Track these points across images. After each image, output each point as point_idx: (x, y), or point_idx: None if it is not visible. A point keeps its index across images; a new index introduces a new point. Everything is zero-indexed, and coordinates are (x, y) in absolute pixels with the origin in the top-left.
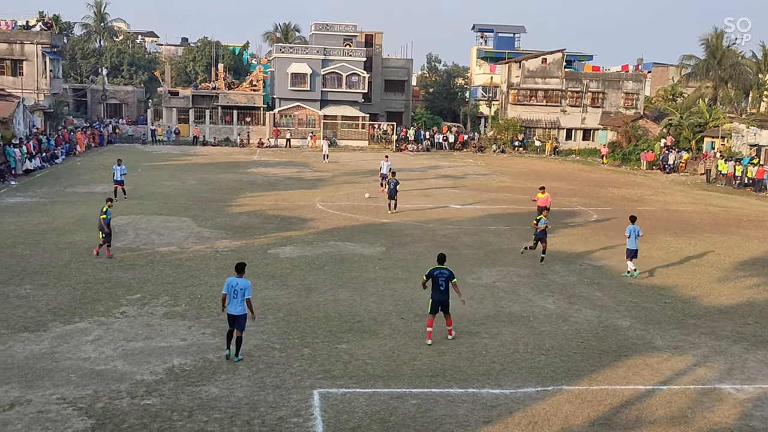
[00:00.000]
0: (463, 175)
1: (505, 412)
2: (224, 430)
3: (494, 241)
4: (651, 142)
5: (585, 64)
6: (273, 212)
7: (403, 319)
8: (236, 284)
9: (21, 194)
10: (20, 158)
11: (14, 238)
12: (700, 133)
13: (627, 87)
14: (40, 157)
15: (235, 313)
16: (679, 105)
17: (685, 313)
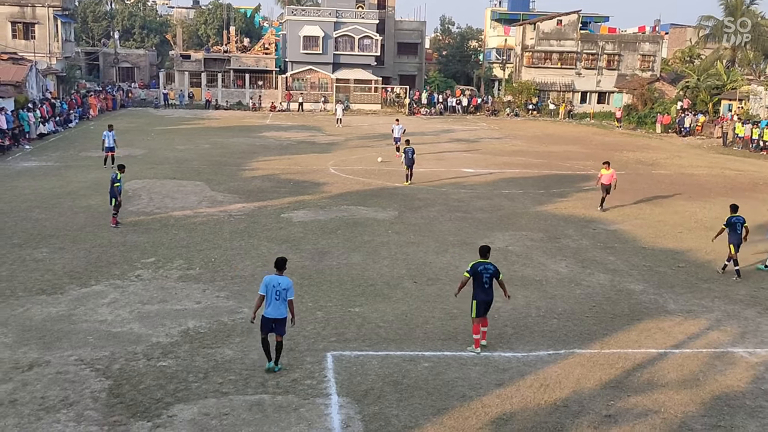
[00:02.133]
0: (476, 138)
1: (517, 374)
2: (239, 391)
3: (507, 205)
4: (667, 104)
5: (601, 25)
6: (286, 176)
7: (416, 283)
8: (278, 284)
9: (35, 158)
10: (34, 122)
11: (30, 202)
12: (717, 95)
13: (643, 49)
14: (54, 121)
15: (276, 316)
16: (696, 67)
17: (698, 277)
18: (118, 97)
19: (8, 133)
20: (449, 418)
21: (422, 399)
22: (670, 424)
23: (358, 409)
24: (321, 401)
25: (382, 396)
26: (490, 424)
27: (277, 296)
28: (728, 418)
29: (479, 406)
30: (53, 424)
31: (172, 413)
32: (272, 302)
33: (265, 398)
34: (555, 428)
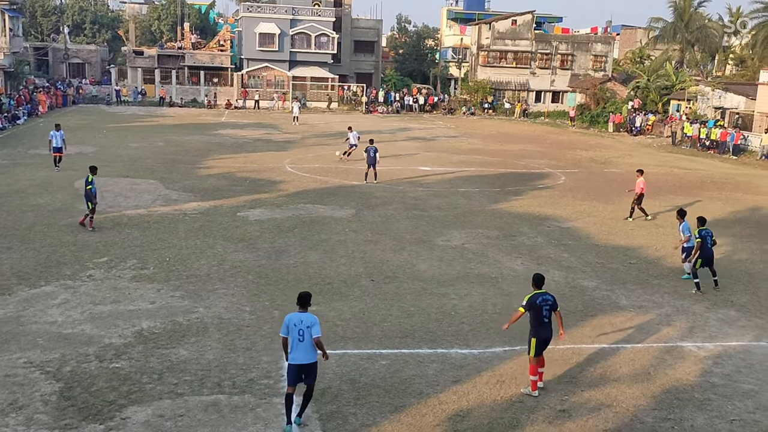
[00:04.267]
0: (432, 137)
1: (473, 371)
2: (194, 392)
3: (464, 203)
4: (619, 104)
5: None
6: (242, 174)
7: (373, 281)
8: (300, 321)
9: None
10: None
11: None
12: (666, 95)
13: (596, 49)
14: (1, 118)
15: (306, 361)
16: (646, 68)
17: (649, 273)
18: (68, 94)
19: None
20: (406, 416)
21: (379, 397)
22: (622, 418)
23: (315, 408)
24: (278, 401)
25: (340, 394)
26: (447, 420)
27: (300, 337)
28: (678, 411)
29: (436, 403)
30: (2, 429)
31: (125, 415)
32: (296, 345)
33: (222, 399)
34: (511, 424)
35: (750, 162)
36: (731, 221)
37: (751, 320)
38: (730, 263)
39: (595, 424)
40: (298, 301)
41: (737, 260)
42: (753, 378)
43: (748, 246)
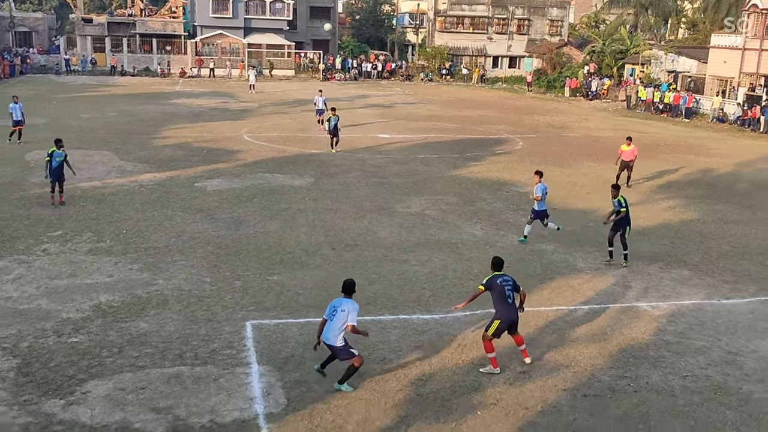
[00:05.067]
0: (391, 104)
1: (435, 336)
2: (156, 364)
3: (423, 170)
4: (575, 69)
5: None
6: (198, 144)
7: (334, 249)
8: (339, 305)
9: None
10: None
11: None
12: (621, 60)
13: (552, 14)
14: None
15: (326, 340)
16: (601, 32)
17: (605, 235)
18: (15, 64)
19: None
20: (370, 382)
21: (343, 363)
22: (580, 377)
23: (279, 377)
24: (241, 370)
25: (303, 363)
26: (410, 385)
27: (331, 316)
28: (633, 369)
29: (399, 368)
30: None
31: (85, 390)
32: (328, 324)
33: (184, 370)
34: (472, 387)
35: (702, 125)
36: (684, 183)
37: (703, 279)
38: (683, 224)
39: (554, 384)
40: (342, 288)
41: (689, 221)
42: (704, 335)
43: (700, 207)
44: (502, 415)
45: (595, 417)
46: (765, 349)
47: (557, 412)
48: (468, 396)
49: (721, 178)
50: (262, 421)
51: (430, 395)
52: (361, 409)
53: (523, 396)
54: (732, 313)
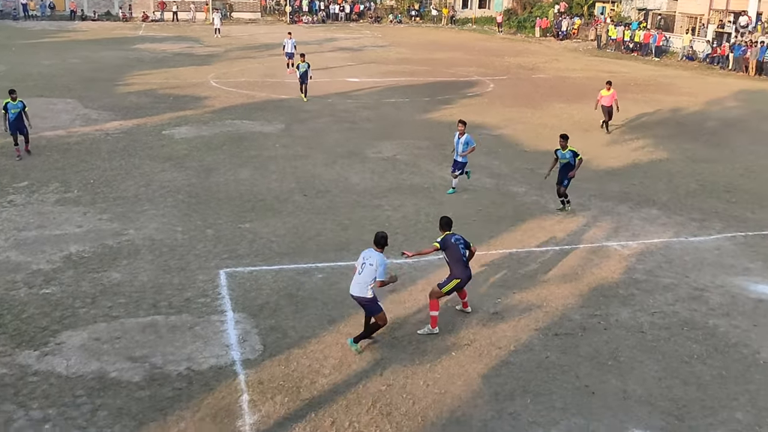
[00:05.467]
0: (360, 47)
1: (408, 280)
2: (130, 314)
3: (394, 114)
4: (545, 8)
5: None
6: (164, 91)
7: (306, 196)
8: (368, 258)
9: None
10: None
11: None
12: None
13: None
14: None
15: (355, 293)
16: None
17: (577, 176)
18: None
19: None
20: (345, 326)
21: (317, 309)
22: (552, 317)
23: (255, 324)
24: (216, 318)
25: (278, 309)
26: (385, 328)
27: (360, 269)
28: (604, 307)
29: None
30: None
31: (60, 340)
32: (354, 276)
33: (159, 319)
34: (446, 327)
35: (671, 63)
36: (653, 123)
37: (671, 217)
38: (652, 164)
39: (526, 324)
40: (375, 241)
41: (658, 160)
42: (672, 272)
43: (669, 146)
44: (476, 356)
45: (567, 354)
46: (730, 284)
47: (530, 351)
48: (442, 337)
49: (690, 116)
50: (239, 367)
51: (405, 338)
52: (337, 354)
53: (496, 336)
54: (699, 250)
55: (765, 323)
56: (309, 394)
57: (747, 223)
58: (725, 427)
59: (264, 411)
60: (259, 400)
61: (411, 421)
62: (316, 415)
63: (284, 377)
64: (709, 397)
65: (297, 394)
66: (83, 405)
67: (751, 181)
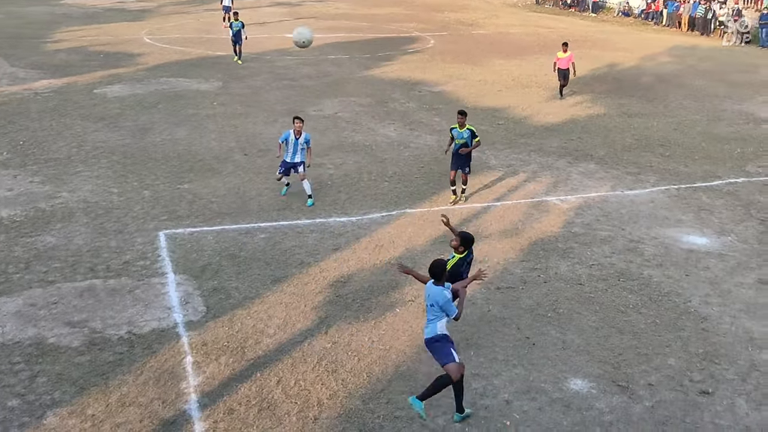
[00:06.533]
0: (298, 2)
1: (352, 238)
2: (66, 278)
3: (334, 71)
4: None
5: None
6: (95, 48)
7: (246, 155)
8: (430, 296)
9: None
10: None
11: None
12: None
13: None
14: None
15: (426, 336)
16: None
17: (516, 132)
18: None
19: None
20: (289, 285)
21: (261, 269)
22: (493, 271)
23: (197, 285)
24: (157, 281)
25: (221, 270)
26: (329, 287)
27: (433, 315)
28: (544, 260)
29: (317, 271)
30: None
31: None
32: (428, 323)
33: (97, 283)
34: (390, 285)
35: (608, 19)
36: (590, 78)
37: (609, 171)
38: (590, 119)
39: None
40: (431, 271)
41: (596, 116)
42: (609, 225)
43: (606, 102)
44: (420, 311)
45: (508, 308)
46: (664, 235)
47: (472, 305)
48: (386, 294)
49: (626, 72)
50: (182, 329)
51: (350, 296)
52: (281, 313)
53: None
54: (635, 203)
55: (695, 273)
56: (254, 354)
57: (680, 176)
58: (659, 373)
59: (208, 372)
60: (203, 362)
61: (356, 377)
62: (261, 375)
63: (228, 338)
64: (644, 345)
65: (242, 354)
66: (21, 372)
67: (684, 136)
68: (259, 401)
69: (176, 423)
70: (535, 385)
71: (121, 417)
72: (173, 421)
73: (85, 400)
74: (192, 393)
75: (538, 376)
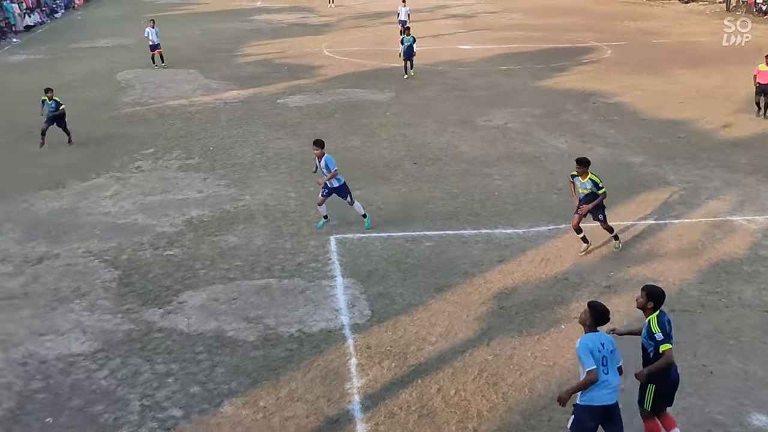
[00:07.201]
0: (472, 14)
1: (518, 250)
2: (245, 276)
3: (506, 81)
4: None
5: None
6: (280, 61)
7: (416, 164)
8: (602, 345)
9: (24, 51)
10: (19, 14)
11: (22, 96)
12: None
13: None
14: (39, 11)
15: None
16: None
17: (699, 147)
18: None
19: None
20: (452, 294)
21: (425, 277)
22: (668, 292)
23: (363, 289)
24: (326, 283)
25: (386, 276)
26: (493, 298)
27: (605, 363)
28: (726, 284)
29: (482, 281)
30: (68, 314)
31: (182, 300)
32: (602, 376)
33: (272, 282)
34: (556, 300)
35: None
36: None
37: None
38: None
39: None
40: (596, 318)
41: None
42: None
43: None
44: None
45: (684, 332)
46: None
47: (639, 323)
48: (551, 310)
49: None
50: (348, 331)
51: (513, 308)
52: (443, 322)
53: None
54: None
55: None
56: (415, 361)
57: None
58: None
59: (371, 375)
60: (366, 365)
61: (518, 392)
62: (422, 382)
63: (391, 343)
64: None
65: (404, 360)
66: (203, 362)
67: None
68: (419, 407)
69: (339, 422)
70: (711, 417)
71: (290, 411)
72: (337, 419)
73: (257, 392)
74: (355, 394)
75: (716, 408)
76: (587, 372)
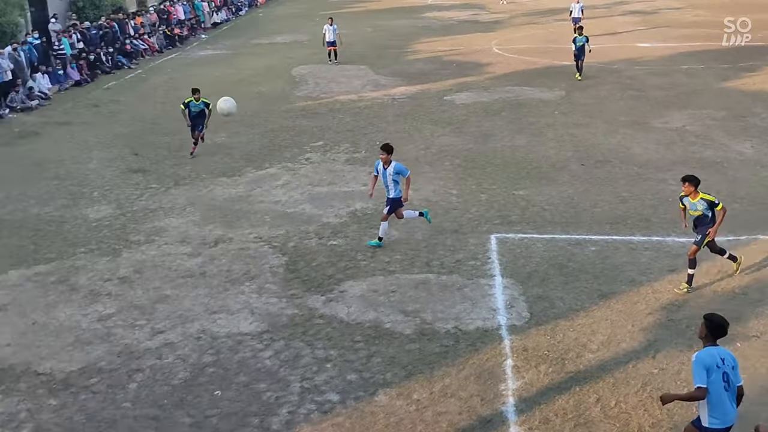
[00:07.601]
0: (653, 10)
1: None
2: (405, 270)
3: (686, 81)
4: None
5: None
6: (448, 58)
7: (583, 165)
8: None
9: (210, 47)
10: (208, 11)
11: (209, 88)
12: None
13: None
14: (226, 9)
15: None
16: None
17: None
18: None
19: (186, 24)
20: (616, 302)
21: (588, 282)
22: None
23: (522, 291)
24: (485, 282)
25: (547, 278)
26: (661, 309)
27: (726, 384)
28: None
29: (649, 291)
30: (238, 295)
31: (343, 289)
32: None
33: (431, 277)
34: (732, 316)
35: None
36: None
37: None
38: None
39: None
40: (712, 331)
41: None
42: None
43: None
44: (765, 349)
45: None
46: None
47: None
48: None
49: None
50: (505, 332)
51: (683, 321)
52: (606, 330)
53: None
54: None
55: None
56: (574, 367)
57: None
58: None
59: (527, 378)
60: (522, 367)
61: (684, 409)
62: (580, 390)
63: (549, 347)
64: None
65: (562, 365)
66: (360, 350)
67: None
68: (575, 416)
69: (492, 422)
70: None
71: (443, 406)
72: (489, 419)
73: (412, 385)
74: (510, 396)
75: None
76: (696, 388)
